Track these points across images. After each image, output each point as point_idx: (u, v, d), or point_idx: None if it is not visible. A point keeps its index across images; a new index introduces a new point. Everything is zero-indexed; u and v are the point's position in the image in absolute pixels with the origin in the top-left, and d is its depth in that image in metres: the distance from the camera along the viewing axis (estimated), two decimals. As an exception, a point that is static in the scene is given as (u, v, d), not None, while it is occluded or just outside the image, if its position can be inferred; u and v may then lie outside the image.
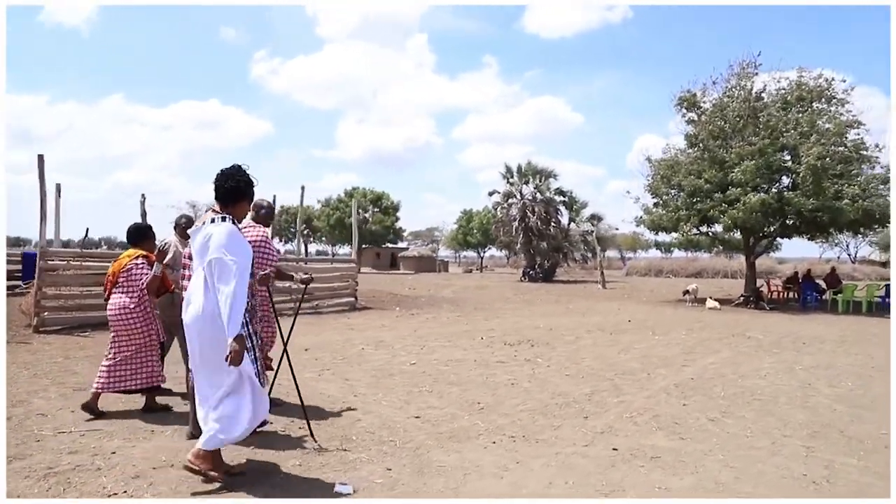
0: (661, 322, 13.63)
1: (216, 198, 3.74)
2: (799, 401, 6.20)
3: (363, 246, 58.78)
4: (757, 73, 18.40)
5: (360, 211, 56.97)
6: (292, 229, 62.59)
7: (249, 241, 4.44)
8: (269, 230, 5.66)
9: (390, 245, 63.39)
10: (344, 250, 67.28)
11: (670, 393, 6.40)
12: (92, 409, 5.23)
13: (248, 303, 3.63)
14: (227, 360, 3.42)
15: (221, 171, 3.77)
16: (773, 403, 6.05)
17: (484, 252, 72.12)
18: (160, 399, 5.64)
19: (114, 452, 4.30)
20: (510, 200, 38.37)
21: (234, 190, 3.72)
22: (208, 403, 3.68)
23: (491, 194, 39.50)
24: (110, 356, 5.37)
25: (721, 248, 27.06)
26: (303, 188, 15.19)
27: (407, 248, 66.79)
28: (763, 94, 18.51)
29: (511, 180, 38.19)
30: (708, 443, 4.72)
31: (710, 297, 18.27)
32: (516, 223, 36.71)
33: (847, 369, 8.07)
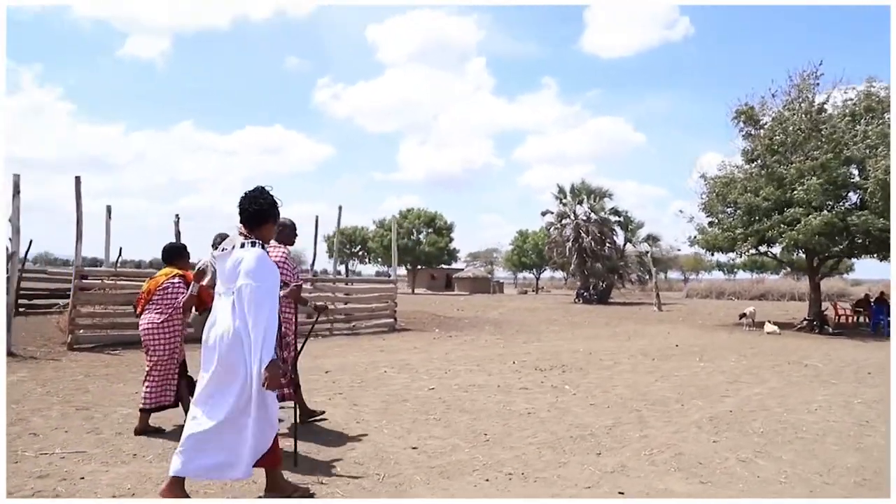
0: (711, 347, 12.77)
1: (241, 221, 3.70)
2: (851, 441, 5.47)
3: (418, 267, 58.92)
4: (818, 84, 17.32)
5: (413, 232, 57.19)
6: (345, 250, 63.45)
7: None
8: (290, 249, 5.52)
9: (445, 266, 63.25)
10: (399, 271, 67.70)
11: (701, 427, 5.79)
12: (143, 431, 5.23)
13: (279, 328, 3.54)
14: (263, 385, 3.38)
15: (245, 193, 3.73)
16: (818, 443, 5.36)
17: (540, 273, 71.04)
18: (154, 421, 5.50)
19: (83, 478, 4.11)
20: (564, 221, 37.63)
21: (258, 213, 3.68)
22: (198, 423, 3.51)
23: (544, 214, 38.95)
24: (151, 375, 5.40)
25: (787, 268, 25.47)
26: (340, 208, 15.16)
27: (462, 270, 66.57)
28: (826, 106, 17.39)
29: (564, 200, 37.49)
30: (732, 488, 4.15)
31: (769, 321, 17.11)
32: (570, 244, 35.94)
33: (915, 404, 7.18)
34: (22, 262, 15.96)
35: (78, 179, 10.44)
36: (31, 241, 16.26)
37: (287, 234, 5.43)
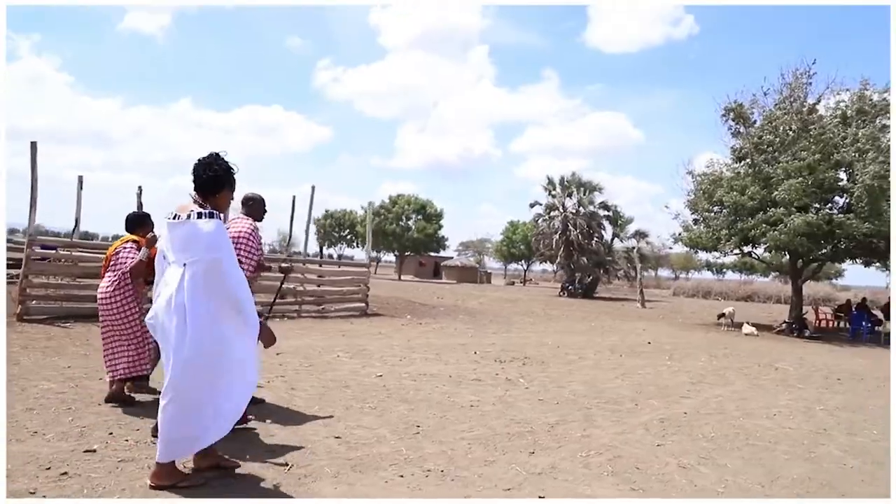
0: (684, 346, 12.51)
1: (196, 188, 3.51)
2: (803, 449, 5.19)
3: (406, 254, 58.48)
4: (811, 83, 16.99)
5: (403, 218, 56.71)
6: (334, 233, 62.96)
7: (235, 233, 4.77)
8: (258, 224, 5.33)
9: (433, 254, 62.80)
10: (388, 257, 67.25)
11: (649, 429, 5.49)
12: (117, 398, 5.20)
13: None
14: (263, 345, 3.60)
15: (199, 160, 3.54)
16: (768, 451, 5.07)
17: (529, 264, 70.77)
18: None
19: (-40, 457, 3.77)
20: (552, 213, 37.28)
21: (213, 179, 3.52)
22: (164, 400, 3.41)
23: (532, 206, 38.53)
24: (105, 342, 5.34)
25: (774, 271, 25.21)
26: (313, 188, 14.68)
27: (452, 258, 66.14)
28: (818, 107, 17.08)
29: (553, 192, 37.11)
30: (664, 496, 3.85)
31: (747, 323, 16.87)
32: (556, 236, 35.61)
33: (878, 414, 6.91)
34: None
35: (34, 145, 10.01)
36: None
37: (256, 208, 5.33)
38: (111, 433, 4.44)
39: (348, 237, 63.75)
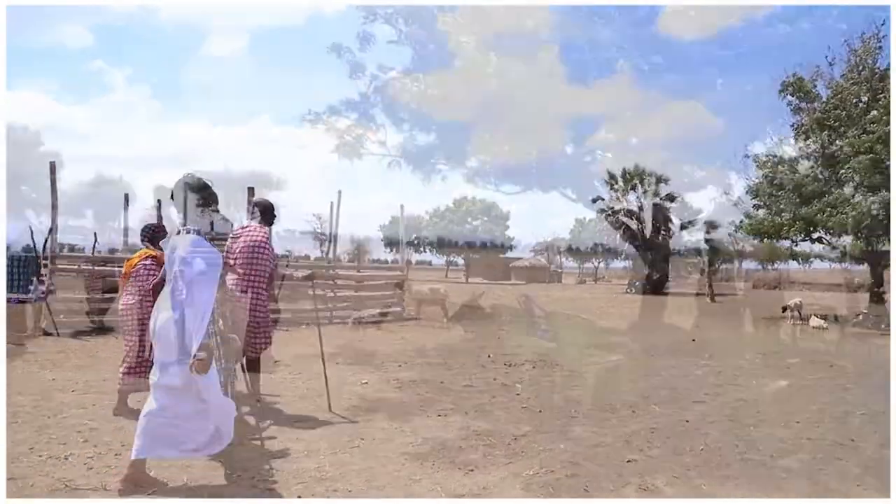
0: (733, 343, 11.45)
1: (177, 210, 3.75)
2: (811, 466, 4.35)
3: (473, 256, 58.02)
4: (881, 47, 15.30)
5: (469, 220, 56.33)
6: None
7: (252, 241, 5.18)
8: (268, 230, 5.58)
9: (502, 256, 61.90)
10: (460, 260, 66.84)
11: (630, 441, 4.80)
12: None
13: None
14: (191, 368, 3.32)
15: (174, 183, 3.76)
16: (766, 467, 4.28)
17: (602, 262, 68.76)
18: None
19: None
20: (615, 207, 35.82)
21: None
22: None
23: (594, 201, 37.15)
24: (126, 358, 5.28)
25: (852, 256, 22.93)
26: (339, 192, 14.57)
27: (521, 259, 65.02)
28: (889, 72, 15.36)
29: (615, 186, 35.64)
30: (597, 526, 3.23)
31: (815, 315, 15.31)
32: (620, 231, 34.21)
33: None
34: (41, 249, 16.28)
35: (53, 165, 10.31)
36: (50, 229, 16.27)
37: (267, 215, 5.51)
38: (31, 448, 4.26)
39: (415, 242, 63.91)
